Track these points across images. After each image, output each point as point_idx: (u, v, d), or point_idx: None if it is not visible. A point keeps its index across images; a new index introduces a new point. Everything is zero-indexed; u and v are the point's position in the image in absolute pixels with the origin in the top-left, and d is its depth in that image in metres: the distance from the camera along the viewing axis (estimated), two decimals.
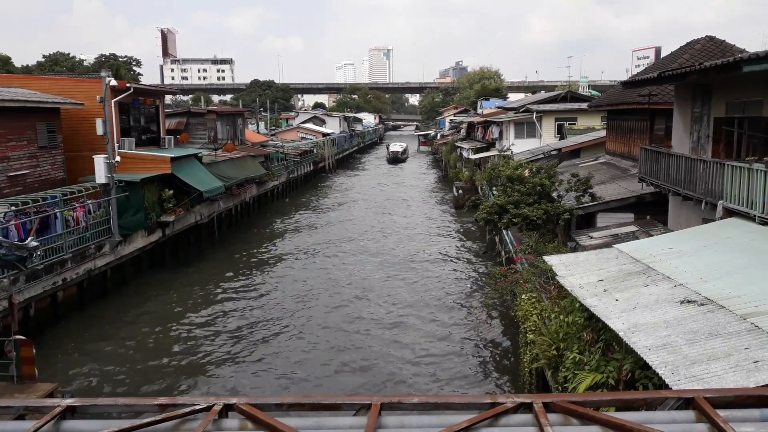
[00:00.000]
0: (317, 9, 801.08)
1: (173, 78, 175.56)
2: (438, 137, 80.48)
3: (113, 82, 21.65)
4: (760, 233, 9.93)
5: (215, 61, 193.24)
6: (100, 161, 20.40)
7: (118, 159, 20.93)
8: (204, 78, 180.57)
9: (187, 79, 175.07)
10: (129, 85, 23.87)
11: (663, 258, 10.07)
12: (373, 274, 23.36)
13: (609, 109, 24.89)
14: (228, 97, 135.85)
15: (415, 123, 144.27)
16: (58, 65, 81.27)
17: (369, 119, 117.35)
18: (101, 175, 20.44)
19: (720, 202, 11.50)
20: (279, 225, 34.57)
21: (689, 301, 7.89)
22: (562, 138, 33.17)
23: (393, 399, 2.76)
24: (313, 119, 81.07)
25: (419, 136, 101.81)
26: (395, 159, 75.42)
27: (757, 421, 2.62)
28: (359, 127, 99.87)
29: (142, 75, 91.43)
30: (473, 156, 43.17)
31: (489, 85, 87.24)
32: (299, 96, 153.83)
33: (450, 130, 74.11)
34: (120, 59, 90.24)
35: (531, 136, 35.95)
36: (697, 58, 15.75)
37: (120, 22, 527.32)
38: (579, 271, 10.58)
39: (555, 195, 18.67)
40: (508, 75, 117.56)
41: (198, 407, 2.70)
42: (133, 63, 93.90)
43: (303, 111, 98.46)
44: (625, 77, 30.18)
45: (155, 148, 26.57)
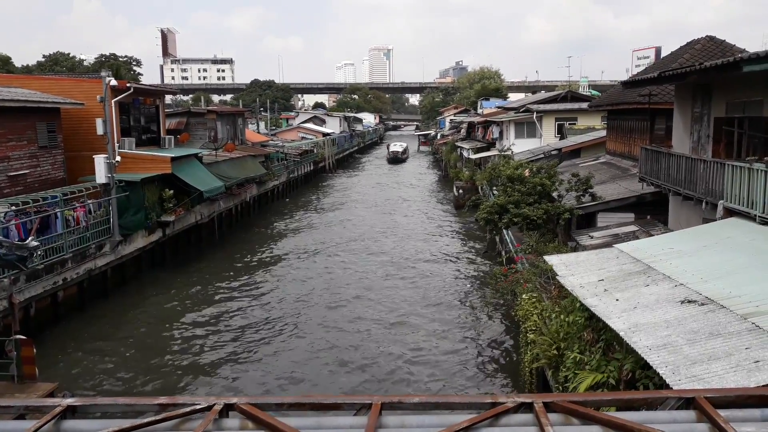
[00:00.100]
0: (317, 9, 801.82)
1: (173, 78, 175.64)
2: (438, 137, 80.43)
3: (113, 82, 21.66)
4: (760, 233, 9.93)
5: (215, 61, 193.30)
6: (100, 161, 20.41)
7: (118, 159, 20.94)
8: (204, 78, 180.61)
9: (187, 79, 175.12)
10: (129, 85, 23.88)
11: (663, 258, 10.06)
12: (374, 273, 23.36)
13: (609, 109, 24.88)
14: (228, 97, 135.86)
15: (416, 123, 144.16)
16: (58, 65, 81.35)
17: (369, 119, 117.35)
18: (101, 175, 20.46)
19: (720, 201, 11.50)
20: (279, 225, 34.58)
21: (690, 301, 7.88)
22: (562, 138, 33.17)
23: (393, 399, 2.76)
24: (313, 119, 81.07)
25: (419, 136, 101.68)
26: (395, 159, 75.35)
27: (758, 421, 2.62)
28: (359, 127, 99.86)
29: (142, 75, 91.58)
30: (473, 156, 43.17)
31: (489, 85, 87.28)
32: (299, 96, 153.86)
33: (450, 130, 74.08)
34: (120, 59, 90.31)
35: (531, 136, 35.95)
36: (698, 58, 15.75)
37: (120, 22, 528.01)
38: (579, 271, 10.58)
39: (555, 195, 18.67)
40: (508, 75, 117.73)
41: (198, 407, 2.70)
42: (133, 63, 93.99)
43: (303, 111, 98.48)
44: (626, 77, 30.21)
45: (155, 148, 26.59)
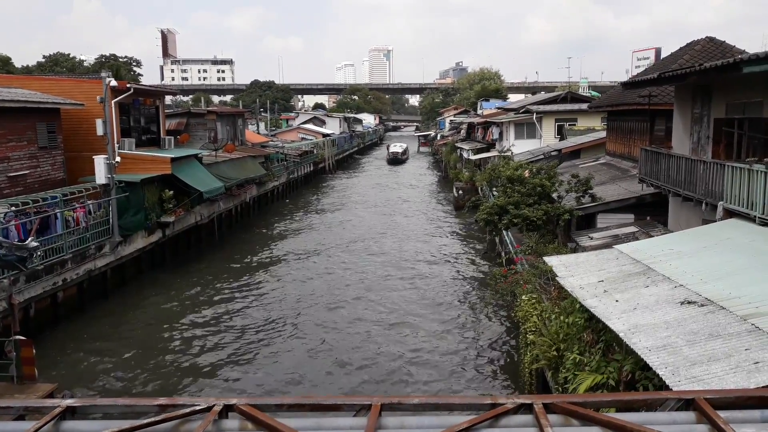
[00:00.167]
0: (317, 9, 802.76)
1: (173, 78, 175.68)
2: (438, 138, 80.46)
3: (113, 82, 21.67)
4: (760, 234, 9.93)
5: (215, 62, 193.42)
6: (100, 162, 20.42)
7: (118, 159, 20.94)
8: (204, 78, 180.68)
9: (187, 80, 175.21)
10: (129, 86, 23.87)
11: (663, 259, 10.06)
12: (374, 274, 23.36)
13: (609, 110, 24.89)
14: (228, 98, 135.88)
15: (415, 124, 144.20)
16: (58, 66, 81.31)
17: (369, 120, 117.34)
18: (101, 176, 20.46)
19: (720, 203, 11.50)
20: (279, 225, 34.57)
21: (689, 302, 7.88)
22: (562, 139, 33.19)
23: (393, 399, 2.75)
24: (313, 120, 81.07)
25: (419, 136, 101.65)
26: (395, 160, 75.32)
27: (758, 422, 2.62)
28: (359, 128, 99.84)
29: (142, 75, 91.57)
30: (473, 157, 43.17)
31: (489, 86, 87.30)
32: (299, 97, 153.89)
33: (450, 130, 74.11)
34: (120, 59, 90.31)
35: (531, 136, 35.96)
36: (697, 58, 15.76)
37: (120, 22, 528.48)
38: (579, 272, 10.58)
39: (555, 196, 18.67)
40: (508, 76, 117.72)
41: (198, 408, 2.70)
42: (133, 63, 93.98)
43: (303, 111, 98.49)
44: (625, 78, 30.23)
45: (155, 148, 26.58)
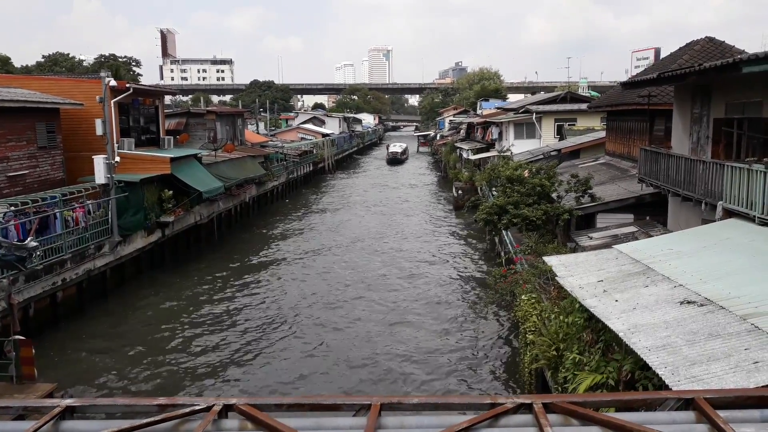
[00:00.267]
0: (317, 9, 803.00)
1: (173, 78, 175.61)
2: (437, 138, 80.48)
3: (113, 82, 21.66)
4: (759, 234, 9.94)
5: (215, 62, 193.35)
6: (99, 161, 20.41)
7: (117, 159, 20.94)
8: (203, 78, 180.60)
9: (187, 80, 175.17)
10: (128, 86, 23.85)
11: (663, 259, 10.07)
12: (373, 274, 23.36)
13: (608, 110, 24.90)
14: (227, 98, 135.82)
15: (415, 124, 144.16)
16: (57, 65, 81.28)
17: (369, 120, 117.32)
18: (101, 176, 20.46)
19: (719, 202, 11.50)
20: (279, 225, 34.57)
21: (689, 302, 7.88)
22: (561, 139, 33.19)
23: (393, 399, 2.75)
24: (313, 120, 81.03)
25: (419, 136, 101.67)
26: (395, 160, 75.31)
27: (758, 422, 2.62)
28: (359, 128, 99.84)
29: (141, 75, 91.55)
30: (473, 157, 43.17)
31: (488, 86, 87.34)
32: (299, 96, 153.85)
33: (449, 130, 74.11)
34: (120, 59, 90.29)
35: (530, 136, 35.96)
36: (697, 59, 15.77)
37: (120, 22, 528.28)
38: (579, 272, 10.58)
39: (555, 195, 18.67)
40: (507, 76, 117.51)
41: (197, 407, 2.70)
42: (133, 63, 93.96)
43: (302, 111, 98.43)
44: (625, 78, 30.23)
45: (155, 148, 26.57)
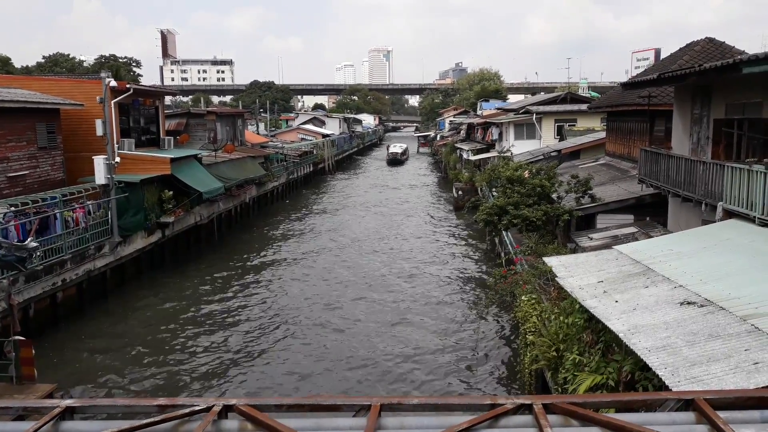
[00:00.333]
0: (317, 9, 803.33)
1: (173, 79, 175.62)
2: (438, 138, 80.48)
3: (113, 82, 21.67)
4: (759, 234, 9.94)
5: (215, 62, 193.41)
6: (99, 162, 20.41)
7: (117, 160, 20.94)
8: (204, 79, 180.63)
9: (187, 80, 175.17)
10: (129, 86, 23.87)
11: (663, 259, 10.06)
12: (373, 274, 23.35)
13: (609, 111, 24.90)
14: (228, 98, 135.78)
15: (415, 124, 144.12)
16: (57, 66, 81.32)
17: (369, 120, 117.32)
18: (101, 176, 20.45)
19: (720, 203, 11.50)
20: (279, 226, 34.56)
21: (689, 303, 7.88)
22: (561, 139, 33.19)
23: (393, 400, 2.75)
24: (313, 120, 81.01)
25: (419, 137, 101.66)
26: (395, 160, 75.29)
27: (757, 423, 2.62)
28: (359, 128, 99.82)
29: (141, 76, 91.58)
30: (473, 157, 43.17)
31: (489, 87, 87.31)
32: (299, 97, 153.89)
33: (450, 131, 74.10)
34: (120, 60, 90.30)
35: (531, 137, 35.96)
36: (697, 59, 15.77)
37: (120, 22, 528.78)
38: (579, 273, 10.58)
39: (555, 196, 18.67)
40: (507, 76, 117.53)
41: (197, 408, 2.70)
42: (133, 64, 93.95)
43: (303, 112, 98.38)
44: (625, 78, 30.23)
45: (155, 149, 26.57)
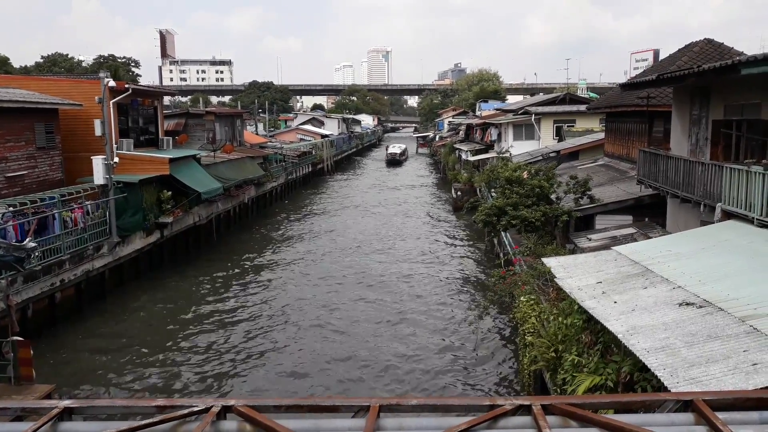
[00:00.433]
0: (316, 9, 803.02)
1: (172, 79, 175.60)
2: (436, 139, 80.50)
3: (112, 83, 21.65)
4: (758, 235, 9.94)
5: (214, 62, 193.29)
6: (98, 162, 20.39)
7: (116, 160, 20.92)
8: (203, 79, 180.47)
9: (186, 80, 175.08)
10: (127, 86, 23.84)
11: (661, 260, 10.07)
12: (372, 274, 23.35)
13: (607, 112, 24.93)
14: (227, 99, 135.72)
15: (414, 125, 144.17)
16: (56, 66, 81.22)
17: (368, 121, 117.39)
18: (99, 176, 20.44)
19: (718, 204, 11.51)
20: (278, 226, 34.56)
21: (688, 304, 7.88)
22: (560, 140, 33.21)
23: (392, 401, 2.75)
24: (312, 121, 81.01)
25: (418, 137, 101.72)
26: (394, 161, 75.31)
27: (756, 424, 2.62)
28: (358, 129, 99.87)
29: (140, 76, 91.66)
30: (472, 158, 43.19)
31: (488, 87, 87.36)
32: (298, 97, 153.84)
33: (449, 131, 74.16)
34: (119, 60, 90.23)
35: (529, 138, 35.98)
36: (696, 60, 15.79)
37: (119, 22, 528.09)
38: (577, 273, 10.58)
39: (553, 197, 18.68)
40: (506, 77, 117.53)
41: (196, 409, 2.70)
42: (132, 64, 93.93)
43: (302, 112, 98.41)
44: (624, 79, 30.24)
45: (154, 149, 26.55)
